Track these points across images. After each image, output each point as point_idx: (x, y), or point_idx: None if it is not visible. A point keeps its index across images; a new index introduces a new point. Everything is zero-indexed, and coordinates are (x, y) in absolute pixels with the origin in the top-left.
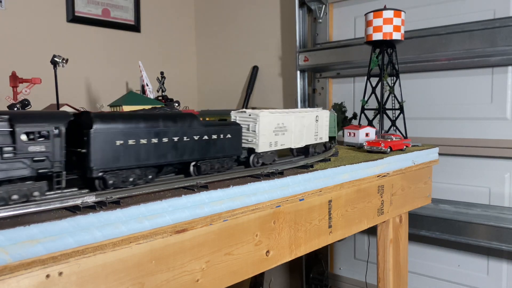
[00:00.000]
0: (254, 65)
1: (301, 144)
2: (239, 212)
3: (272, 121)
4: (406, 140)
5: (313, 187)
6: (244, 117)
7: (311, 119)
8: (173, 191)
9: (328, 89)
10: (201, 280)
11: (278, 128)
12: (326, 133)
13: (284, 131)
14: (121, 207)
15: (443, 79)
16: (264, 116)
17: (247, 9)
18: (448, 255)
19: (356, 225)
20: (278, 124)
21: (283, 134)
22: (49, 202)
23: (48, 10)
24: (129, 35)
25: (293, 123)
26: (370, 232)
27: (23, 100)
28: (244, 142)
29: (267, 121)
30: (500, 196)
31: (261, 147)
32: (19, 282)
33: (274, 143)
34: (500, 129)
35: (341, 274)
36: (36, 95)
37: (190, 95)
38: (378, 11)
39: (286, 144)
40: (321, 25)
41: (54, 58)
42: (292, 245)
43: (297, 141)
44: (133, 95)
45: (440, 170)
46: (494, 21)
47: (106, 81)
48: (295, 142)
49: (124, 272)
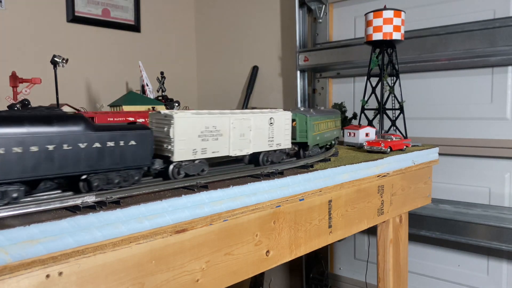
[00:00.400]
0: (254, 65)
1: (246, 152)
2: (239, 212)
3: (196, 124)
4: (406, 140)
5: (313, 187)
6: (160, 119)
7: (261, 121)
8: (173, 191)
9: (328, 89)
10: (201, 280)
11: (208, 132)
12: (286, 139)
13: (218, 135)
14: (121, 207)
15: (443, 79)
16: (181, 117)
17: (247, 9)
18: (448, 255)
19: (356, 225)
20: (207, 128)
21: (216, 139)
22: (49, 202)
23: (48, 10)
24: (129, 35)
25: (231, 126)
26: (370, 232)
27: (23, 100)
28: (160, 150)
29: (187, 124)
30: (500, 196)
31: (178, 155)
32: (19, 282)
33: (201, 150)
34: (500, 129)
35: (341, 274)
36: (36, 95)
37: (190, 95)
38: (378, 11)
39: (221, 151)
40: (321, 25)
41: (54, 58)
42: (292, 245)
43: (238, 147)
44: (133, 95)
45: (440, 170)
46: (494, 21)
47: (106, 81)
48: (235, 149)
49: (124, 272)
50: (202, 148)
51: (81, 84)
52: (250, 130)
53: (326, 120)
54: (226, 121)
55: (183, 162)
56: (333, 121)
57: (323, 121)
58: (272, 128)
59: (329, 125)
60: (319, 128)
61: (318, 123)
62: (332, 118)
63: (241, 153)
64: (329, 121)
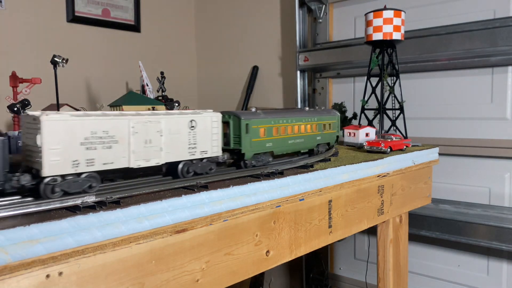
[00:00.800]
0: (254, 65)
1: (156, 162)
2: (239, 212)
3: (76, 128)
4: (406, 140)
5: (313, 187)
6: (29, 123)
7: (177, 125)
8: (173, 191)
9: (328, 89)
10: (201, 280)
11: (95, 138)
12: (215, 145)
13: (112, 143)
14: (121, 207)
15: (443, 79)
16: (52, 120)
17: (247, 9)
18: (448, 255)
19: (356, 225)
20: (94, 133)
21: (109, 147)
22: (49, 202)
23: (48, 10)
24: (129, 35)
25: (130, 130)
26: (370, 232)
27: (23, 100)
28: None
29: (63, 129)
30: (500, 196)
31: (51, 168)
32: (19, 282)
33: (85, 161)
34: (500, 129)
35: (341, 274)
36: (36, 95)
37: (190, 95)
38: (378, 11)
39: (117, 162)
40: (321, 25)
41: (54, 58)
42: (292, 245)
43: (144, 157)
44: (133, 95)
45: (440, 170)
46: (494, 21)
47: (106, 81)
48: (138, 158)
49: (124, 272)
50: (87, 159)
51: (81, 84)
52: (161, 135)
53: (292, 123)
54: (123, 125)
55: (60, 177)
56: (315, 123)
57: (283, 124)
58: (194, 133)
59: (306, 128)
60: (270, 133)
61: (268, 127)
62: (313, 120)
63: (147, 163)
64: (307, 124)
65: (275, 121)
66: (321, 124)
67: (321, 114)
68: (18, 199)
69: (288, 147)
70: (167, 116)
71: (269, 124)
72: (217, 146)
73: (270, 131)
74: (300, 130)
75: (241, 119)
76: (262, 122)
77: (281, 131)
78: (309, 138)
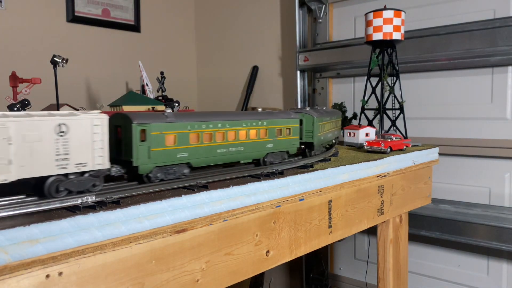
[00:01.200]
0: (254, 65)
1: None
2: (239, 212)
3: None
4: (406, 140)
5: (313, 187)
6: None
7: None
8: (173, 191)
9: (328, 89)
10: (201, 280)
11: None
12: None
13: None
14: (121, 207)
15: (443, 79)
16: None
17: (247, 9)
18: (448, 255)
19: (356, 225)
20: None
21: None
22: (49, 202)
23: (48, 10)
24: (129, 35)
25: None
26: (370, 232)
27: (23, 100)
28: None
29: None
30: (500, 196)
31: None
32: (19, 282)
33: None
34: (500, 129)
35: (341, 274)
36: (36, 95)
37: (190, 95)
38: (378, 11)
39: None
40: (321, 25)
41: (54, 58)
42: (292, 245)
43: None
44: (133, 95)
45: (440, 170)
46: (494, 21)
47: (106, 81)
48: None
49: (124, 272)
50: None
51: (81, 84)
52: (10, 143)
53: (329, 121)
54: None
55: None
56: (334, 121)
57: (327, 121)
58: (65, 140)
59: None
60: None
61: (323, 124)
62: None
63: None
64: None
65: (193, 126)
66: (273, 128)
67: (276, 117)
68: (18, 199)
69: (217, 158)
70: (20, 119)
71: (183, 129)
72: (102, 157)
73: (185, 138)
74: (238, 136)
75: (132, 123)
76: (171, 127)
77: (205, 138)
78: (253, 146)
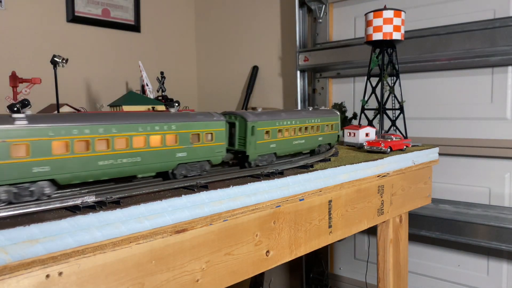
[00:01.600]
0: (254, 65)
1: None
2: (239, 212)
3: None
4: (406, 140)
5: (313, 187)
6: None
7: None
8: (173, 191)
9: (328, 89)
10: (201, 280)
11: None
12: None
13: None
14: (121, 207)
15: (443, 79)
16: None
17: (247, 9)
18: (448, 255)
19: (356, 225)
20: None
21: None
22: (49, 202)
23: (48, 10)
24: (129, 35)
25: None
26: (370, 232)
27: (23, 100)
28: None
29: None
30: (500, 196)
31: None
32: (19, 282)
33: None
34: (500, 129)
35: (341, 274)
36: (36, 95)
37: (190, 95)
38: (378, 11)
39: None
40: (321, 25)
41: (54, 58)
42: (292, 245)
43: None
44: (133, 95)
45: (440, 170)
46: (494, 21)
47: (106, 81)
48: None
49: (124, 272)
50: None
51: (81, 84)
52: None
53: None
54: None
55: None
56: (318, 124)
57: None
58: None
59: (309, 129)
60: (275, 135)
61: (272, 129)
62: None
63: None
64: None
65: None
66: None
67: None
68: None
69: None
70: None
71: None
72: None
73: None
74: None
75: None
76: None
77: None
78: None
